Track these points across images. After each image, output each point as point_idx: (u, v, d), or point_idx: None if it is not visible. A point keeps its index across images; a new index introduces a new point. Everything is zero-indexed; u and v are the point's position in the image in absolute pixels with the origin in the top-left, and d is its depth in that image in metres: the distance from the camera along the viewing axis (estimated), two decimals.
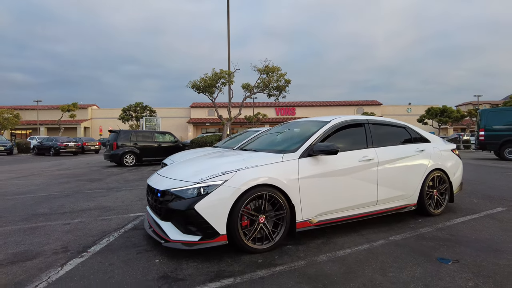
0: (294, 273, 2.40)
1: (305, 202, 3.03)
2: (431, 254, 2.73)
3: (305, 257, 2.72)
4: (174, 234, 2.74)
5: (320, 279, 2.29)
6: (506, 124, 11.70)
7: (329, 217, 3.21)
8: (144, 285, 2.25)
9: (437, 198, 4.03)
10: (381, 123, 3.90)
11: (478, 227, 3.50)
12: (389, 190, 3.59)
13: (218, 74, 13.15)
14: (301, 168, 3.05)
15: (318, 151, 3.11)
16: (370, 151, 3.53)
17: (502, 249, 2.83)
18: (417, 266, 2.48)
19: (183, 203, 2.70)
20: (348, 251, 2.83)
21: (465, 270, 2.40)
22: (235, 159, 3.17)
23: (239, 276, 2.36)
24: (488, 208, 4.40)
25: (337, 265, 2.54)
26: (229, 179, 2.75)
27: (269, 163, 2.97)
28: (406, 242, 3.05)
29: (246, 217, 2.79)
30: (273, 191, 2.86)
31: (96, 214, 4.41)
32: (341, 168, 3.27)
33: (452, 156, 4.31)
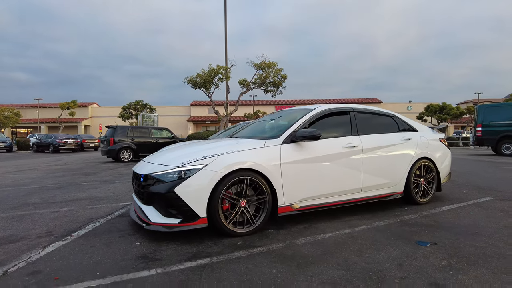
0: (270, 254, 2.42)
1: (287, 187, 3.05)
2: (411, 237, 2.75)
3: (285, 240, 2.74)
4: (155, 217, 2.76)
5: (295, 259, 2.31)
6: (503, 119, 11.66)
7: (312, 203, 3.22)
8: (121, 264, 2.27)
9: (424, 187, 4.04)
10: (367, 111, 3.90)
11: (462, 214, 3.51)
12: (374, 177, 3.60)
13: (214, 70, 13.16)
14: (283, 153, 3.07)
15: (301, 137, 3.13)
16: (355, 139, 3.54)
17: (481, 233, 2.84)
18: (394, 248, 2.49)
19: (163, 186, 2.73)
20: (329, 235, 2.85)
21: (441, 251, 2.41)
22: (218, 145, 3.19)
23: (215, 257, 2.38)
24: (476, 197, 4.41)
25: (315, 247, 2.56)
26: (210, 163, 2.77)
27: (251, 149, 2.98)
28: (388, 227, 3.06)
29: (227, 200, 2.81)
30: (254, 176, 2.88)
31: (86, 203, 4.44)
32: (324, 154, 3.28)
33: (440, 146, 4.31)
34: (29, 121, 38.92)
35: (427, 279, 1.95)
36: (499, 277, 1.97)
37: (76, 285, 1.96)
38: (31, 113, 40.25)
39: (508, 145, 11.57)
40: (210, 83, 13.21)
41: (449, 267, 2.13)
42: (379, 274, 2.03)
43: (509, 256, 2.30)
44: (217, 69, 13.14)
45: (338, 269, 2.12)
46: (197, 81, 13.24)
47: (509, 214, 3.47)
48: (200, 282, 1.98)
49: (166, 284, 1.96)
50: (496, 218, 3.34)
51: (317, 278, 2.00)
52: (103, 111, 43.15)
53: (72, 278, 2.05)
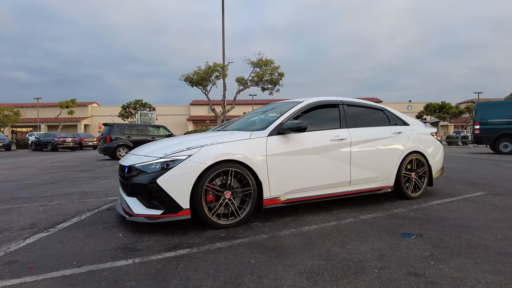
0: (252, 245, 2.38)
1: (274, 179, 3.01)
2: (397, 230, 2.71)
3: (269, 231, 2.71)
4: (137, 209, 2.73)
5: (277, 250, 2.28)
6: (501, 117, 11.58)
7: (298, 196, 3.18)
8: (99, 254, 2.24)
9: (415, 181, 3.99)
10: (357, 104, 3.86)
11: (452, 208, 3.47)
12: (363, 171, 3.56)
13: (211, 67, 13.12)
14: (269, 145, 3.03)
15: (287, 129, 3.09)
16: (343, 131, 3.50)
17: (469, 226, 2.80)
18: (378, 240, 2.45)
19: (145, 177, 2.69)
20: (314, 227, 2.81)
21: (426, 243, 2.37)
22: (204, 136, 3.16)
23: (196, 247, 2.35)
24: (468, 192, 4.36)
25: (299, 238, 2.52)
26: (193, 154, 2.74)
27: (236, 140, 2.95)
28: (375, 220, 3.02)
29: (211, 192, 2.78)
30: (239, 168, 2.85)
31: (75, 197, 4.41)
32: (311, 147, 3.24)
33: (431, 140, 4.27)
34: (29, 120, 38.98)
35: (407, 269, 1.91)
36: (480, 267, 1.93)
37: (50, 273, 1.93)
38: (31, 113, 40.31)
39: (506, 143, 11.49)
40: (207, 80, 13.19)
41: (431, 257, 2.09)
42: (359, 264, 1.99)
43: (493, 247, 2.26)
44: (214, 67, 13.12)
45: (318, 259, 2.09)
46: (193, 79, 13.21)
47: (499, 208, 3.43)
48: (176, 271, 1.95)
49: (141, 272, 1.93)
50: (485, 211, 3.30)
51: (295, 267, 1.96)
52: (103, 110, 43.18)
53: (47, 267, 2.02)
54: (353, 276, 1.82)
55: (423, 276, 1.82)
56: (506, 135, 11.43)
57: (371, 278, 1.80)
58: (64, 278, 1.87)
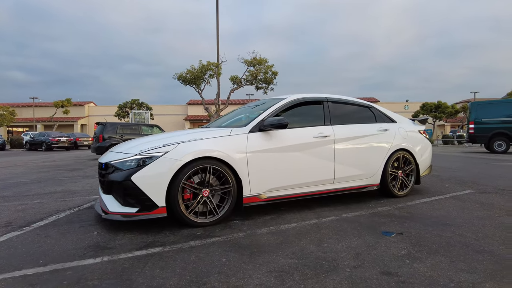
0: (227, 243, 2.32)
1: (254, 177, 2.95)
2: (378, 228, 2.65)
3: (247, 230, 2.65)
4: (113, 206, 2.67)
5: (251, 248, 2.22)
6: (495, 117, 11.57)
7: (280, 193, 3.13)
8: (69, 253, 2.18)
9: (402, 179, 3.94)
10: (343, 101, 3.80)
11: (437, 206, 3.42)
12: (347, 168, 3.50)
13: (205, 66, 13.03)
14: (250, 142, 2.98)
15: (268, 125, 3.04)
16: (327, 128, 3.44)
17: (452, 224, 2.75)
18: (357, 238, 2.40)
19: (120, 175, 2.63)
20: (294, 225, 2.76)
21: (405, 241, 2.32)
22: (182, 133, 3.09)
23: (169, 246, 2.29)
24: (456, 190, 4.32)
25: (275, 236, 2.46)
26: (169, 151, 2.67)
27: (215, 137, 2.89)
28: (357, 218, 2.97)
29: (188, 190, 2.72)
30: (218, 165, 2.79)
31: (59, 196, 4.34)
32: (294, 144, 3.19)
33: (419, 137, 4.22)
34: (25, 120, 38.75)
35: (381, 268, 1.86)
36: (456, 265, 1.88)
37: (12, 273, 1.86)
38: (28, 112, 40.08)
39: (500, 142, 11.48)
40: (200, 79, 13.11)
41: (408, 256, 2.04)
42: (332, 263, 1.94)
43: (472, 245, 2.21)
44: (207, 65, 13.04)
45: (291, 258, 2.03)
46: (187, 77, 13.12)
47: (485, 206, 3.39)
48: (142, 270, 1.89)
49: (107, 271, 1.87)
50: (470, 209, 3.25)
51: (265, 266, 1.90)
52: (99, 110, 42.98)
53: (11, 266, 1.96)
54: (323, 275, 1.77)
55: (395, 275, 1.76)
56: (500, 134, 11.41)
57: (342, 277, 1.75)
58: (25, 277, 1.81)
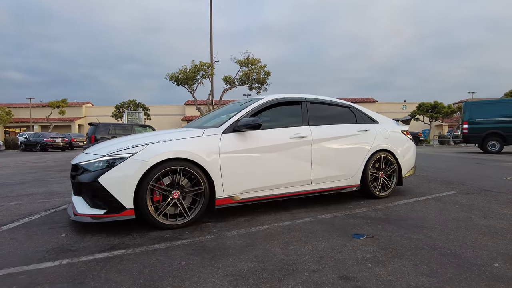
0: (192, 246, 2.28)
1: (227, 178, 2.91)
2: (349, 230, 2.61)
3: (217, 232, 2.61)
4: (82, 208, 2.63)
5: (214, 251, 2.18)
6: (489, 117, 11.53)
7: (255, 195, 3.08)
8: (29, 256, 2.14)
9: (384, 180, 3.90)
10: (322, 102, 3.76)
11: (417, 208, 3.38)
12: (325, 169, 3.46)
13: (197, 66, 12.99)
14: (224, 143, 2.94)
15: (242, 126, 3.00)
16: (304, 129, 3.40)
17: (426, 226, 2.71)
18: (325, 241, 2.36)
19: (88, 176, 2.59)
20: (265, 227, 2.72)
21: (373, 244, 2.27)
22: (156, 133, 3.06)
23: (132, 248, 2.25)
24: (440, 191, 4.28)
25: (244, 239, 2.42)
26: (138, 152, 2.63)
27: (187, 138, 2.85)
28: (332, 220, 2.93)
29: (158, 192, 2.68)
30: (189, 166, 2.75)
31: (39, 197, 4.30)
32: (269, 145, 3.15)
33: (402, 138, 4.18)
34: (22, 121, 38.69)
35: (340, 272, 1.82)
36: (418, 269, 1.84)
37: None
38: (26, 113, 40.01)
39: (494, 142, 11.44)
40: (193, 79, 13.05)
41: (372, 259, 2.00)
42: (292, 267, 1.90)
43: (440, 248, 2.17)
44: (200, 66, 12.99)
45: (252, 261, 1.99)
46: (179, 78, 13.06)
47: (464, 207, 3.35)
48: (98, 273, 1.85)
49: (61, 275, 1.83)
50: (449, 211, 3.21)
51: (223, 270, 1.86)
52: (97, 110, 42.90)
53: None
54: (279, 280, 1.73)
55: (353, 280, 1.72)
56: (493, 134, 11.37)
57: (298, 281, 1.71)
58: None
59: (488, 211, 3.18)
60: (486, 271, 1.80)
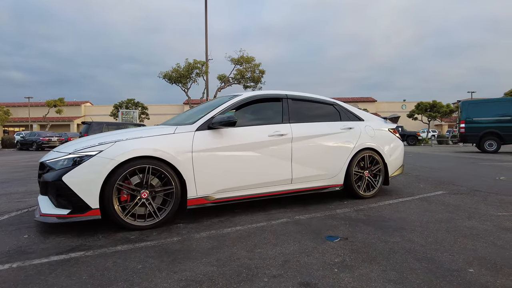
0: (154, 248, 2.17)
1: (201, 177, 2.80)
2: (324, 232, 2.49)
3: (186, 234, 2.49)
4: (46, 208, 2.52)
5: (176, 254, 2.06)
6: (487, 116, 11.37)
7: (231, 195, 2.97)
8: None
9: (369, 179, 3.78)
10: (304, 99, 3.64)
11: (401, 208, 3.25)
12: (306, 168, 3.34)
13: (191, 65, 12.86)
14: (197, 141, 2.82)
15: (217, 123, 2.88)
16: (284, 126, 3.28)
17: (406, 228, 2.58)
18: (296, 243, 2.24)
19: (52, 175, 2.49)
20: (238, 228, 2.60)
21: (345, 247, 2.15)
22: (125, 131, 2.95)
23: (92, 250, 2.14)
24: (429, 191, 4.15)
25: (211, 241, 2.31)
26: (104, 149, 2.52)
27: (157, 135, 2.73)
28: (309, 221, 2.81)
29: (125, 191, 2.57)
30: (158, 164, 2.63)
31: (17, 197, 4.19)
32: (247, 143, 3.03)
33: (389, 136, 4.05)
34: (21, 120, 38.68)
35: (302, 278, 1.70)
36: (386, 275, 1.72)
37: None
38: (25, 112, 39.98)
39: (491, 141, 11.27)
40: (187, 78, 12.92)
41: (340, 264, 1.88)
42: (253, 272, 1.78)
43: (415, 252, 2.05)
44: (193, 64, 12.86)
45: (212, 265, 1.87)
46: (172, 76, 12.94)
47: (450, 208, 3.22)
48: (47, 277, 1.73)
49: (7, 279, 1.72)
50: (433, 212, 3.09)
51: (179, 274, 1.75)
52: (96, 109, 42.87)
53: None
54: (234, 286, 1.61)
55: (314, 287, 1.60)
56: (491, 134, 11.21)
57: None
58: None
59: (474, 212, 3.06)
60: (459, 277, 1.68)
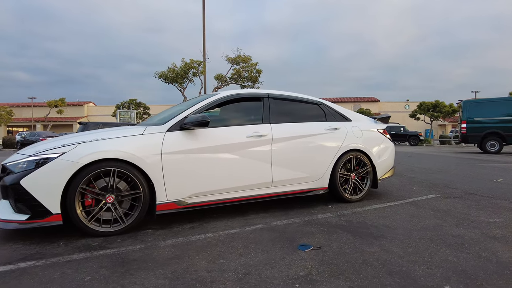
0: (111, 257, 2.03)
1: (172, 181, 2.66)
2: (298, 240, 2.33)
3: (151, 241, 2.35)
4: (6, 213, 2.39)
5: (132, 264, 1.92)
6: (489, 116, 11.08)
7: (207, 199, 2.82)
8: None
9: (355, 182, 3.61)
10: (287, 98, 3.48)
11: (387, 214, 3.08)
12: (287, 171, 3.19)
13: (188, 64, 12.75)
14: (168, 142, 2.68)
15: (189, 123, 2.74)
16: (264, 127, 3.13)
17: (387, 236, 2.42)
18: (263, 253, 2.08)
19: (11, 178, 2.36)
20: (208, 236, 2.45)
21: (315, 258, 1.99)
22: (92, 132, 2.82)
23: (45, 259, 2.00)
24: (421, 195, 3.96)
25: (174, 250, 2.16)
26: (67, 152, 2.39)
27: (124, 136, 2.60)
28: (285, 227, 2.65)
29: (90, 195, 2.44)
30: (124, 167, 2.50)
31: None
32: (222, 144, 2.89)
33: (377, 137, 3.87)
34: (24, 120, 38.97)
35: None
36: None
37: None
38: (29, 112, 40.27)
39: (493, 142, 10.98)
40: (183, 78, 12.81)
41: (303, 278, 1.72)
42: (207, 286, 1.63)
43: (390, 264, 1.88)
44: (190, 63, 12.74)
45: (166, 277, 1.73)
46: (168, 76, 12.83)
47: (439, 214, 3.04)
48: None
49: None
50: (420, 218, 2.91)
51: None
52: (99, 110, 43.04)
53: None
54: None
55: None
56: (493, 134, 10.92)
57: None
58: None
59: (464, 218, 2.87)
60: None
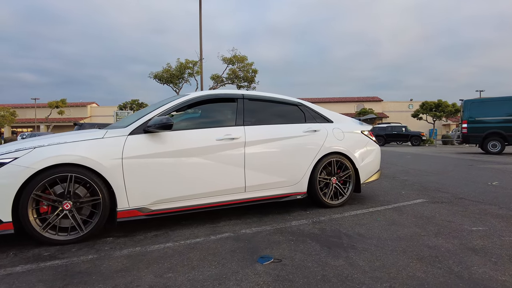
0: (55, 269, 1.91)
1: (134, 187, 2.54)
2: (262, 251, 2.19)
3: (105, 251, 2.23)
4: None
5: (75, 277, 1.80)
6: (490, 115, 10.78)
7: (172, 206, 2.70)
8: None
9: (337, 187, 3.45)
10: (263, 99, 3.34)
11: (365, 221, 2.92)
12: (262, 175, 3.05)
13: (183, 65, 12.66)
14: (129, 146, 2.56)
15: (152, 126, 2.62)
16: (237, 129, 2.99)
17: (358, 246, 2.26)
18: (218, 267, 1.94)
19: None
20: (167, 245, 2.32)
21: (271, 273, 1.85)
22: (54, 135, 2.71)
23: None
24: (407, 199, 3.79)
25: (125, 261, 2.04)
26: (20, 156, 2.28)
27: (82, 140, 2.48)
28: (252, 236, 2.51)
29: (45, 202, 2.33)
30: (82, 173, 2.38)
31: None
32: (190, 148, 2.76)
33: (361, 139, 3.71)
34: (28, 121, 39.35)
35: None
36: None
37: None
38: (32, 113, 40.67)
39: (495, 142, 10.68)
40: (179, 78, 12.72)
41: None
42: None
43: (350, 281, 1.73)
44: (186, 64, 12.65)
45: None
46: (163, 76, 12.75)
47: (420, 222, 2.86)
48: None
49: None
50: (400, 226, 2.75)
51: None
52: (102, 110, 43.28)
53: None
54: None
55: None
56: (494, 134, 10.62)
57: None
58: None
59: (445, 226, 2.70)
60: None
